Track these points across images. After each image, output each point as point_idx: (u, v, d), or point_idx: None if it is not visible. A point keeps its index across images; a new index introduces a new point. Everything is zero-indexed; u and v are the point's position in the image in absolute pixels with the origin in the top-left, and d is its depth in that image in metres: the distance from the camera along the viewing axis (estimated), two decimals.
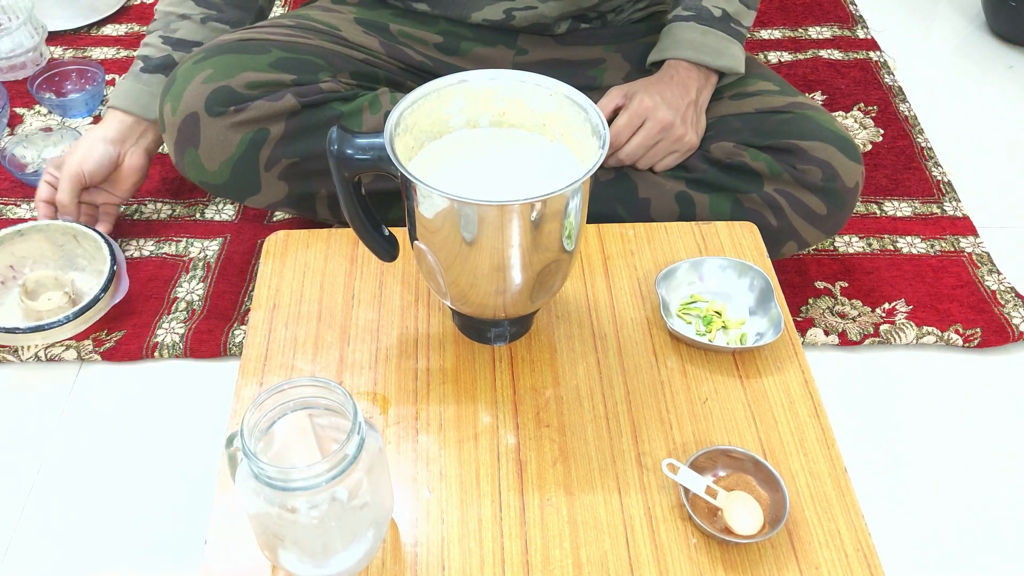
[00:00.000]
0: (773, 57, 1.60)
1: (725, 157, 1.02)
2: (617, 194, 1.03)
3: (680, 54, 1.02)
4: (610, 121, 1.03)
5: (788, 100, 1.06)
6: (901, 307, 1.16)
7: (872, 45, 1.64)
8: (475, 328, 0.82)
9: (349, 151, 0.72)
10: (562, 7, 1.03)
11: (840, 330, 1.12)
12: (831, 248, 1.24)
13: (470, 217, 0.68)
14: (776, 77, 1.11)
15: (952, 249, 1.24)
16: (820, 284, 1.19)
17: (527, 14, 1.02)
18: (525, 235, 0.70)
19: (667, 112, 0.99)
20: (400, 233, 0.85)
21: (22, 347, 1.08)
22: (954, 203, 1.31)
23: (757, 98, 1.06)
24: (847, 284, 1.19)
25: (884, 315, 1.15)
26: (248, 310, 1.12)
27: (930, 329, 1.13)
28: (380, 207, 0.81)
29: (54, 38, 1.60)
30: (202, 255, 1.21)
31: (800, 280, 1.19)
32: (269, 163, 0.99)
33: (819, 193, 1.01)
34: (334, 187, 0.76)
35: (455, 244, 0.71)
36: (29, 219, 1.25)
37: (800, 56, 1.61)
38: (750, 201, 1.01)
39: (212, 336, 1.10)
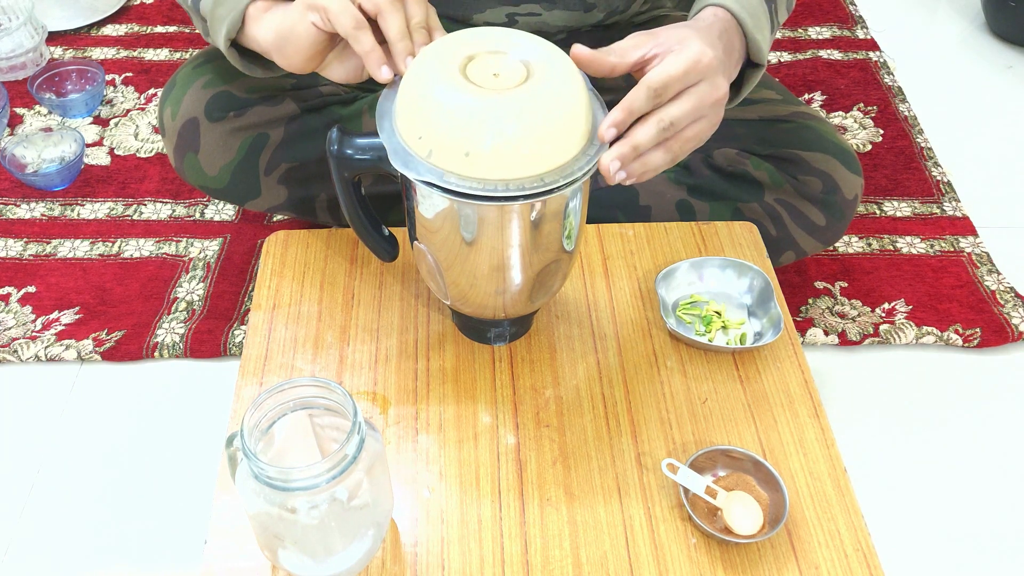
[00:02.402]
0: (773, 57, 1.60)
1: (727, 164, 1.02)
2: (618, 201, 1.03)
3: (723, 1, 0.75)
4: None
5: (791, 109, 1.06)
6: (901, 307, 1.16)
7: (872, 45, 1.64)
8: (475, 328, 0.82)
9: (349, 151, 0.72)
10: (565, 19, 1.02)
11: (840, 330, 1.12)
12: (831, 248, 1.24)
13: (470, 217, 0.68)
14: (779, 86, 1.11)
15: (952, 249, 1.24)
16: (820, 284, 1.19)
17: (530, 20, 1.02)
18: (525, 235, 0.70)
19: (724, 81, 0.70)
20: (400, 233, 0.85)
21: (22, 346, 1.08)
22: (954, 203, 1.31)
23: (761, 106, 1.06)
24: (847, 284, 1.19)
25: (884, 315, 1.15)
26: (248, 310, 1.12)
27: (930, 329, 1.13)
28: (380, 210, 0.81)
29: (54, 38, 1.60)
30: (202, 255, 1.21)
31: (800, 280, 1.19)
32: (269, 168, 0.99)
33: (819, 204, 1.01)
34: (334, 191, 0.76)
35: (455, 244, 0.71)
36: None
37: (800, 56, 1.61)
38: (750, 211, 1.01)
39: (212, 336, 1.10)
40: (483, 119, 0.64)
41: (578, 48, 0.68)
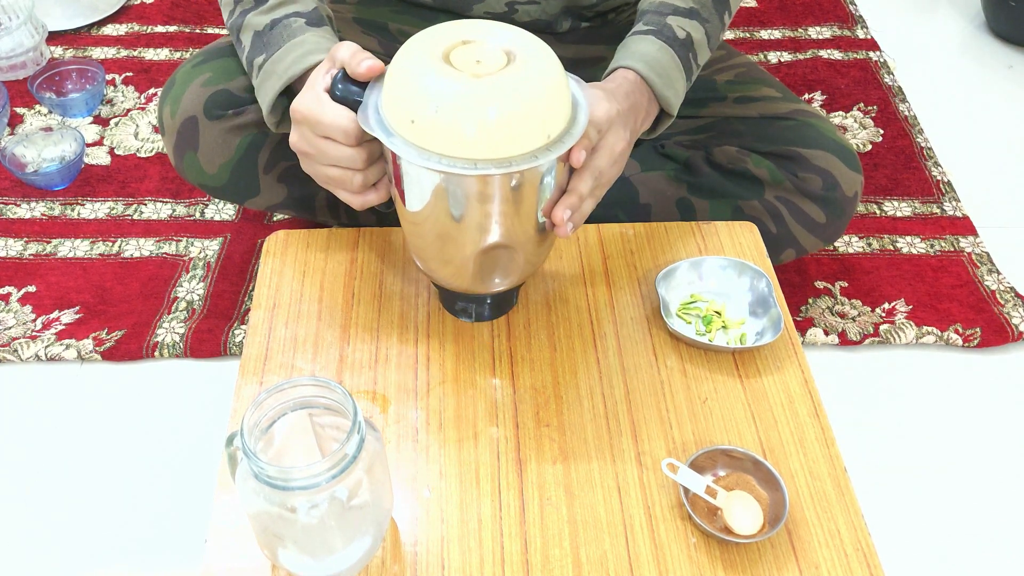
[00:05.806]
0: (773, 57, 1.60)
1: (727, 162, 1.02)
2: (618, 199, 1.03)
3: (631, 63, 0.85)
4: None
5: (791, 107, 1.06)
6: (901, 307, 1.16)
7: (872, 45, 1.64)
8: (452, 301, 0.83)
9: (354, 90, 0.73)
10: (562, 2, 1.02)
11: (840, 330, 1.12)
12: (831, 248, 1.24)
13: (454, 189, 0.69)
14: (778, 84, 1.11)
15: (952, 249, 1.24)
16: (820, 284, 1.19)
17: (529, 8, 1.02)
18: (503, 204, 0.70)
19: (626, 133, 0.80)
20: (400, 233, 0.85)
21: (22, 345, 1.08)
22: (954, 203, 1.31)
23: (761, 103, 1.06)
24: (847, 284, 1.19)
25: (884, 315, 1.15)
26: (248, 310, 1.12)
27: (930, 329, 1.13)
28: None
29: (54, 38, 1.60)
30: (202, 255, 1.21)
31: (800, 280, 1.19)
32: (268, 166, 0.99)
33: (819, 202, 1.02)
34: None
35: (437, 215, 0.71)
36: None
37: (800, 56, 1.61)
38: (751, 208, 1.02)
39: (212, 336, 1.10)
40: (465, 102, 0.66)
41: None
